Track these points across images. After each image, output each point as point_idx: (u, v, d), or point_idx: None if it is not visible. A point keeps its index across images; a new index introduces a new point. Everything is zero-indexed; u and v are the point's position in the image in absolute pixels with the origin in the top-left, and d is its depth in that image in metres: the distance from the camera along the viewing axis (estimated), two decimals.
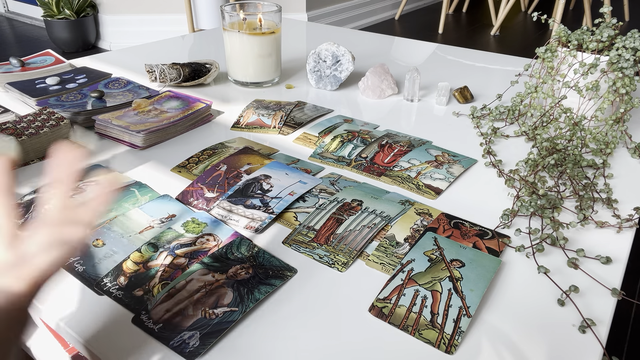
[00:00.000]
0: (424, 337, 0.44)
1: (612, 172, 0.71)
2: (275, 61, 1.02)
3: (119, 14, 2.57)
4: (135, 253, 0.53)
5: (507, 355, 0.43)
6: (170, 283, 0.49)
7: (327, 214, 0.60)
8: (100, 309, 0.47)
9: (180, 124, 0.81)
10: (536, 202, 0.60)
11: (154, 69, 0.98)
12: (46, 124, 0.73)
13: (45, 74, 0.97)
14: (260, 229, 0.58)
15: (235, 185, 0.65)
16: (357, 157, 0.74)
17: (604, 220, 0.61)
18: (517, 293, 0.50)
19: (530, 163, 0.68)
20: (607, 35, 0.77)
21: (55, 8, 2.43)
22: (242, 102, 0.94)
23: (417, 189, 0.66)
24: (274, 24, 0.99)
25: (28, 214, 0.59)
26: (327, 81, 1.01)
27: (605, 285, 0.51)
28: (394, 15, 3.43)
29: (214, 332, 0.44)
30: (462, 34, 3.12)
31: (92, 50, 2.59)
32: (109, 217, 0.58)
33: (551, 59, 0.83)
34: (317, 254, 0.54)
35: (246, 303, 0.47)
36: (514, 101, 0.86)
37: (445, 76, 1.10)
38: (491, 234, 0.58)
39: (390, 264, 0.53)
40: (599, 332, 0.45)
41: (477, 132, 0.84)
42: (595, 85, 0.77)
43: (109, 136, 0.79)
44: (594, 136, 0.77)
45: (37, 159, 0.72)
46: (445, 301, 0.47)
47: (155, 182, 0.67)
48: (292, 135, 0.82)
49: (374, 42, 1.38)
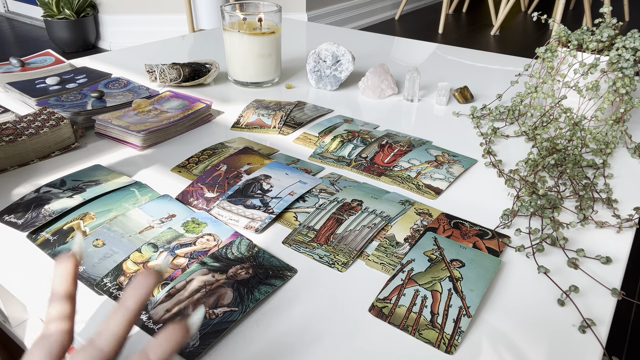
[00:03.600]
0: (424, 337, 0.44)
1: (612, 172, 0.71)
2: (275, 61, 1.02)
3: (119, 14, 2.57)
4: (135, 253, 0.53)
5: (507, 355, 0.43)
6: (170, 283, 0.49)
7: (327, 214, 0.60)
8: (100, 309, 0.47)
9: (180, 124, 0.81)
10: (536, 202, 0.60)
11: (154, 69, 0.98)
12: (46, 124, 0.73)
13: (45, 74, 0.97)
14: (260, 229, 0.58)
15: (235, 185, 0.65)
16: (357, 157, 0.74)
17: (604, 220, 0.61)
18: (517, 293, 0.50)
19: (530, 163, 0.68)
20: (607, 35, 0.77)
21: (55, 8, 2.43)
22: (242, 102, 0.94)
23: (417, 189, 0.66)
24: (274, 24, 0.99)
25: (28, 214, 0.59)
26: (327, 81, 1.01)
27: (605, 285, 0.51)
28: (394, 15, 3.43)
29: (214, 332, 0.44)
30: (462, 34, 3.12)
31: (92, 50, 2.59)
32: (109, 217, 0.58)
33: (551, 59, 0.83)
34: (317, 254, 0.54)
35: (246, 303, 0.47)
36: (514, 101, 0.86)
37: (445, 76, 1.10)
38: (491, 234, 0.58)
39: (390, 264, 0.53)
40: (599, 332, 0.45)
41: (477, 132, 0.84)
42: (595, 85, 0.77)
43: (109, 136, 0.79)
44: (594, 136, 0.77)
45: (37, 159, 0.72)
46: (445, 301, 0.47)
47: (155, 182, 0.67)
48: (292, 135, 0.82)
49: (374, 42, 1.38)
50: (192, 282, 0.49)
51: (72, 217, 0.58)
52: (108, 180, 0.66)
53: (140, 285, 0.33)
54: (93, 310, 0.47)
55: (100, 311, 0.47)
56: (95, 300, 0.48)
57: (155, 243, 0.54)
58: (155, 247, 0.54)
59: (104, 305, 0.47)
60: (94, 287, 0.49)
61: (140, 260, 0.52)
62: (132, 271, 0.51)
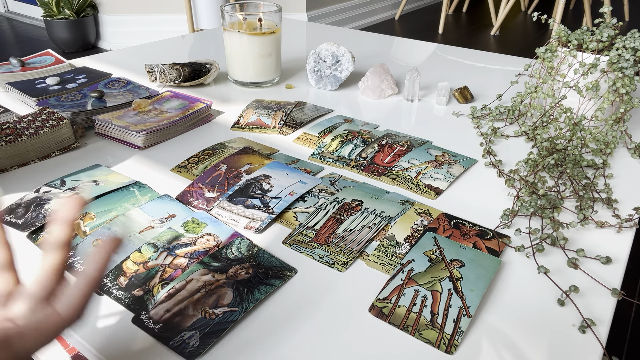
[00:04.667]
0: (424, 337, 0.44)
1: (612, 172, 0.71)
2: (275, 61, 1.02)
3: (119, 14, 2.57)
4: (135, 253, 0.53)
5: (507, 355, 0.43)
6: (170, 283, 0.49)
7: (327, 214, 0.60)
8: (100, 309, 0.47)
9: (180, 124, 0.81)
10: (536, 202, 0.60)
11: (154, 69, 0.98)
12: (46, 124, 0.73)
13: (45, 74, 0.97)
14: (260, 229, 0.58)
15: (235, 185, 0.65)
16: (357, 157, 0.74)
17: (604, 220, 0.61)
18: (517, 293, 0.50)
19: (530, 163, 0.68)
20: (607, 35, 0.77)
21: (55, 8, 2.43)
22: (242, 102, 0.94)
23: (417, 189, 0.66)
24: (274, 24, 0.99)
25: (28, 214, 0.59)
26: (327, 81, 1.01)
27: (605, 285, 0.51)
28: (394, 15, 3.43)
29: (214, 332, 0.44)
30: (462, 34, 3.12)
31: (92, 50, 2.59)
32: (109, 217, 0.58)
33: (551, 59, 0.83)
34: (317, 254, 0.54)
35: (246, 303, 0.47)
36: (514, 101, 0.86)
37: (445, 76, 1.10)
38: (491, 234, 0.58)
39: (390, 264, 0.53)
40: (599, 332, 0.45)
41: (477, 132, 0.84)
42: (595, 85, 0.77)
43: (109, 136, 0.79)
44: (594, 136, 0.77)
45: (37, 159, 0.72)
46: (445, 301, 0.47)
47: (155, 182, 0.67)
48: (292, 135, 0.82)
49: (374, 42, 1.38)
50: (192, 282, 0.49)
51: None
52: (108, 180, 0.66)
53: (101, 252, 0.34)
54: (93, 310, 0.47)
55: (101, 311, 0.47)
56: (95, 300, 0.48)
57: (155, 243, 0.54)
58: (155, 247, 0.54)
59: (104, 305, 0.47)
60: None
61: (140, 260, 0.52)
62: (132, 271, 0.51)
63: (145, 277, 0.50)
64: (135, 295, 0.48)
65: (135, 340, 0.44)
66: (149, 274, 0.50)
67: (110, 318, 0.46)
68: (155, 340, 0.43)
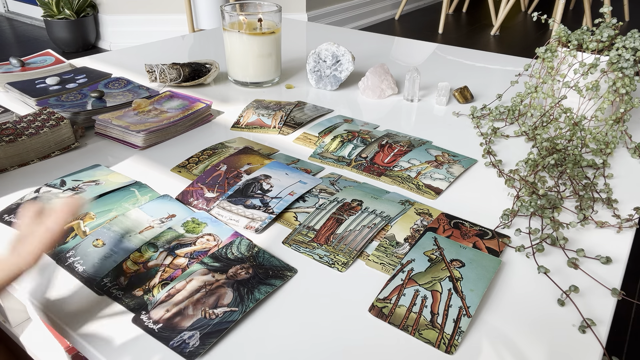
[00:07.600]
0: (424, 337, 0.44)
1: (612, 172, 0.71)
2: (275, 61, 1.02)
3: (119, 14, 2.57)
4: (135, 253, 0.53)
5: (507, 355, 0.43)
6: (170, 283, 0.49)
7: (327, 214, 0.60)
8: (100, 309, 0.47)
9: (180, 124, 0.81)
10: (536, 202, 0.60)
11: (154, 69, 0.98)
12: (46, 124, 0.73)
13: (45, 74, 0.97)
14: (260, 229, 0.58)
15: (235, 185, 0.65)
16: (357, 157, 0.74)
17: (604, 220, 0.61)
18: (517, 293, 0.50)
19: (530, 163, 0.68)
20: (607, 35, 0.77)
21: (55, 8, 2.43)
22: (242, 102, 0.94)
23: (417, 189, 0.66)
24: (274, 24, 0.99)
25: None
26: (327, 81, 1.01)
27: (605, 285, 0.51)
28: (394, 15, 3.43)
29: (214, 332, 0.44)
30: (462, 34, 3.12)
31: (92, 50, 2.59)
32: (109, 217, 0.58)
33: (551, 59, 0.83)
34: (317, 254, 0.54)
35: (246, 303, 0.47)
36: (514, 101, 0.86)
37: (445, 76, 1.10)
38: (491, 234, 0.58)
39: (390, 264, 0.53)
40: (599, 332, 0.45)
41: (477, 132, 0.84)
42: (595, 85, 0.77)
43: (109, 136, 0.79)
44: (594, 136, 0.77)
45: (37, 159, 0.72)
46: (445, 301, 0.47)
47: (155, 182, 0.67)
48: (292, 135, 0.82)
49: (374, 42, 1.38)
50: (192, 282, 0.49)
51: None
52: (108, 180, 0.66)
53: (63, 208, 0.40)
54: (93, 310, 0.47)
55: (101, 311, 0.47)
56: (95, 300, 0.48)
57: (155, 243, 0.54)
58: (155, 247, 0.54)
59: (104, 305, 0.47)
60: (94, 287, 0.49)
61: (140, 260, 0.52)
62: (132, 271, 0.51)
63: (145, 277, 0.50)
64: (135, 295, 0.48)
65: (135, 340, 0.44)
66: (149, 274, 0.50)
67: (110, 318, 0.46)
68: (155, 340, 0.43)
